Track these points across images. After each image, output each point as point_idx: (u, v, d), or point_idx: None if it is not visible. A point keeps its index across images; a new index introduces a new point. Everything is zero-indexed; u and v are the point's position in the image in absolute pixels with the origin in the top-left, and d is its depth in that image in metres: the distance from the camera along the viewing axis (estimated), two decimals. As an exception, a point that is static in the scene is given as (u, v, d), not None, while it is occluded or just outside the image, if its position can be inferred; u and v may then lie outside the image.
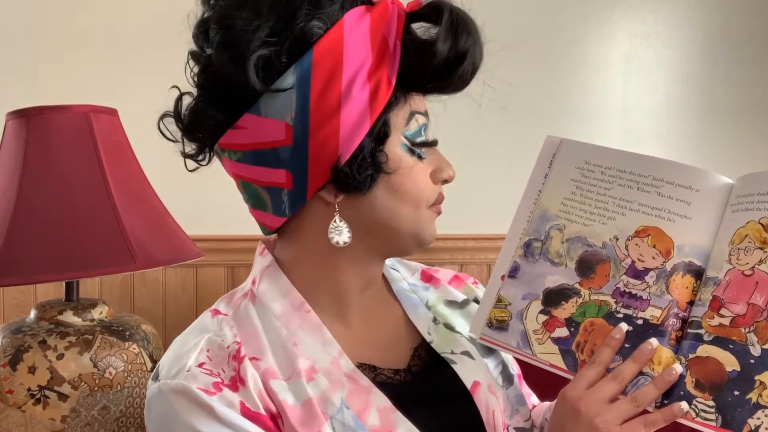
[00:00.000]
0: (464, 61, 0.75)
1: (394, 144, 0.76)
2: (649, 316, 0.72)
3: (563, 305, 0.76)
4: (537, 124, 2.01)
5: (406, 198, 0.77)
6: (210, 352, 0.74)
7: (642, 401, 0.68)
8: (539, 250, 0.79)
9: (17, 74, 1.83)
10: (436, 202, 0.80)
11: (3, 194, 1.29)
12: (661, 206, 0.74)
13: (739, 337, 0.67)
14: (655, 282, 0.73)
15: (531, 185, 0.82)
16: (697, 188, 0.73)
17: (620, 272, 0.74)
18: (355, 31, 0.73)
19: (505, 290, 0.79)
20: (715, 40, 2.13)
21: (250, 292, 0.81)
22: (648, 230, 0.74)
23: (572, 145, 0.81)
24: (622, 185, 0.76)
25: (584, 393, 0.70)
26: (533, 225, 0.80)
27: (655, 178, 0.75)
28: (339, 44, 0.72)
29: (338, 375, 0.75)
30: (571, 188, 0.79)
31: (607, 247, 0.75)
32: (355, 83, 0.72)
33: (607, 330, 0.73)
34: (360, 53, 0.73)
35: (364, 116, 0.73)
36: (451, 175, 0.80)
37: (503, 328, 0.78)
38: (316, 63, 0.72)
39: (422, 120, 0.78)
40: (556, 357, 0.75)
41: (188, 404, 0.70)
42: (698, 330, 0.70)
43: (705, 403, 0.67)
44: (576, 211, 0.78)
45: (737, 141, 2.14)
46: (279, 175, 0.75)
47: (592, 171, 0.78)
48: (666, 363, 0.69)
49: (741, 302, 0.68)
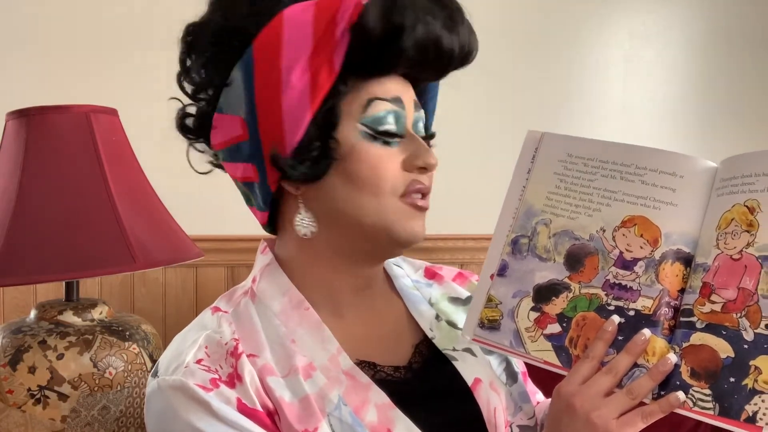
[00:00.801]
0: (399, 39, 0.72)
1: (348, 131, 0.75)
2: (641, 306, 0.71)
3: (554, 301, 0.75)
4: (537, 123, 2.01)
5: (364, 186, 0.75)
6: (208, 349, 0.74)
7: (638, 393, 0.67)
8: (527, 246, 0.78)
9: (17, 74, 1.83)
10: (409, 191, 0.76)
11: (3, 194, 1.29)
12: (645, 195, 0.73)
13: (731, 322, 0.66)
14: (645, 272, 0.72)
15: (515, 181, 0.82)
16: (681, 174, 0.72)
17: (609, 264, 0.74)
18: (296, 23, 0.73)
19: (495, 289, 0.79)
20: (715, 40, 2.13)
21: (250, 290, 0.81)
22: (634, 220, 0.73)
23: (553, 139, 0.80)
24: (605, 176, 0.75)
25: (579, 388, 0.69)
26: (519, 221, 0.79)
27: (638, 167, 0.74)
28: (278, 36, 0.73)
29: (336, 372, 0.75)
30: (554, 182, 0.78)
31: (595, 240, 0.75)
32: (293, 72, 0.72)
33: (599, 323, 0.72)
34: (299, 43, 0.73)
35: (304, 105, 0.73)
36: (429, 162, 0.76)
37: (495, 328, 0.78)
38: (257, 56, 0.74)
39: (386, 106, 0.75)
40: (549, 354, 0.74)
41: (186, 400, 0.70)
42: (690, 318, 0.69)
43: (701, 391, 0.66)
44: (561, 205, 0.77)
45: (737, 141, 2.14)
46: (248, 170, 0.78)
47: (575, 163, 0.78)
48: (660, 353, 0.69)
49: (731, 287, 0.67)
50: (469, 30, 0.77)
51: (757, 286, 0.66)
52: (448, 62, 0.77)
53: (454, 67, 0.79)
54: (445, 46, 0.74)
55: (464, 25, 0.76)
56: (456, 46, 0.75)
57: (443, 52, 0.75)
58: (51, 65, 1.84)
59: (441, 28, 0.73)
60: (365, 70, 0.74)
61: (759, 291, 0.66)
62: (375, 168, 0.75)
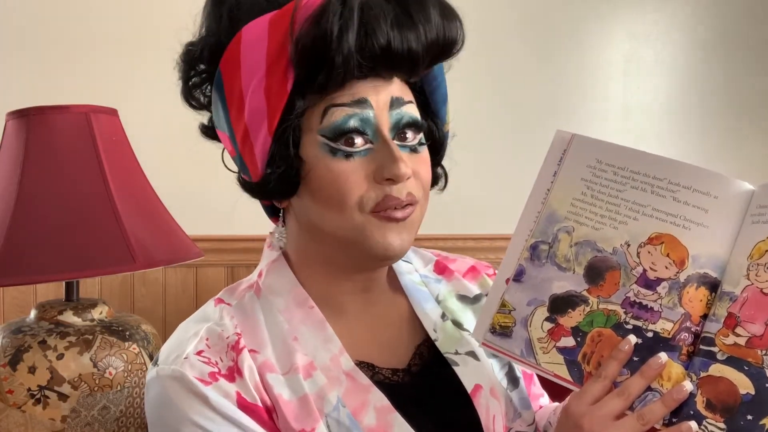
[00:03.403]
0: (329, 47, 0.68)
1: (311, 145, 0.73)
2: (660, 329, 0.68)
3: (570, 313, 0.72)
4: (538, 124, 2.01)
5: (329, 202, 0.72)
6: (209, 341, 0.74)
7: (649, 419, 0.65)
8: (546, 253, 0.74)
9: (17, 74, 1.83)
10: (380, 207, 0.72)
11: (3, 194, 1.29)
12: (676, 212, 0.70)
13: (755, 359, 0.64)
14: (668, 293, 0.69)
15: (539, 183, 0.77)
16: (715, 195, 0.69)
17: (631, 281, 0.70)
18: (252, 40, 0.72)
19: (510, 294, 0.75)
20: (715, 40, 2.13)
21: (255, 284, 0.81)
22: (662, 237, 0.70)
23: (584, 142, 0.76)
24: (635, 188, 0.72)
25: (588, 409, 0.67)
26: (540, 226, 0.75)
27: (671, 182, 0.70)
28: (237, 55, 0.73)
29: (337, 372, 0.75)
30: (581, 188, 0.74)
31: (618, 253, 0.71)
32: (250, 92, 0.72)
33: (615, 341, 0.69)
34: (255, 61, 0.71)
35: (262, 124, 0.72)
36: (396, 174, 0.71)
37: (506, 335, 0.75)
38: (224, 76, 0.74)
39: (345, 111, 0.71)
40: (561, 368, 0.72)
41: (183, 391, 0.70)
42: (711, 347, 0.66)
43: (716, 424, 0.64)
44: (586, 213, 0.73)
45: (737, 141, 2.14)
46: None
47: (604, 171, 0.74)
48: (676, 379, 0.67)
49: (758, 322, 0.64)
50: (444, 20, 0.72)
51: None
52: (408, 61, 0.72)
53: (429, 64, 0.75)
54: (395, 46, 0.70)
55: (429, 18, 0.71)
56: (413, 43, 0.70)
57: (394, 53, 0.70)
58: (51, 65, 1.84)
59: (391, 26, 0.69)
60: (318, 82, 0.70)
61: None
62: (335, 183, 0.71)
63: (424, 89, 0.81)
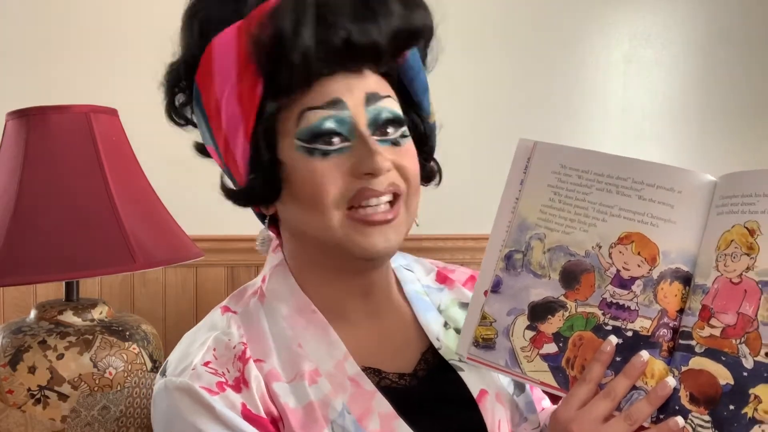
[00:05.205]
0: (284, 46, 0.67)
1: (288, 149, 0.73)
2: (639, 327, 0.69)
3: (550, 319, 0.73)
4: (537, 123, 2.01)
5: (307, 204, 0.72)
6: (216, 351, 0.74)
7: (636, 418, 0.66)
8: (521, 261, 0.75)
9: (17, 74, 1.83)
10: (356, 200, 0.71)
11: (3, 194, 1.29)
12: (643, 210, 0.70)
13: (730, 348, 0.65)
14: (643, 291, 0.70)
15: (507, 193, 0.78)
16: (679, 190, 0.70)
17: (606, 282, 0.71)
18: (223, 49, 0.72)
19: (489, 306, 0.76)
20: (715, 40, 2.13)
21: (259, 289, 0.81)
22: (631, 236, 0.71)
23: (546, 148, 0.77)
24: (601, 189, 0.72)
25: (576, 414, 0.68)
26: (513, 235, 0.76)
27: (634, 181, 0.71)
28: (210, 65, 0.72)
29: (342, 378, 0.75)
30: (548, 194, 0.75)
31: (590, 256, 0.72)
32: (224, 100, 0.72)
33: (596, 344, 0.70)
34: (226, 69, 0.71)
35: (238, 130, 0.72)
36: (373, 167, 0.70)
37: (490, 347, 0.75)
38: (201, 89, 0.74)
39: (321, 114, 0.71)
40: (546, 375, 0.72)
41: (191, 403, 0.70)
42: (689, 341, 0.67)
43: (701, 417, 0.65)
44: (555, 219, 0.74)
45: (737, 141, 2.14)
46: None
47: (569, 175, 0.74)
48: (659, 376, 0.67)
49: (731, 312, 0.65)
50: (406, 9, 0.71)
51: (757, 312, 0.64)
52: (372, 53, 0.71)
53: (394, 54, 0.74)
54: (355, 39, 0.69)
55: (389, 8, 0.70)
56: (374, 34, 0.70)
57: (355, 46, 0.69)
58: (51, 65, 1.84)
59: (349, 19, 0.68)
60: (283, 83, 0.70)
61: (759, 317, 0.64)
62: (313, 183, 0.71)
63: (403, 81, 0.79)
